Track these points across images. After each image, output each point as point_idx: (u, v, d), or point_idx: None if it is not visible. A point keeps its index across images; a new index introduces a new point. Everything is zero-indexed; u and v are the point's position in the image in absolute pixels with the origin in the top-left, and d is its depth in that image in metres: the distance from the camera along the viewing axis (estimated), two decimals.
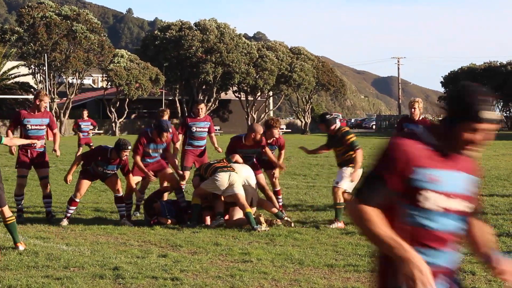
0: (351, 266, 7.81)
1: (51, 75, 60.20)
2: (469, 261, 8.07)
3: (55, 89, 60.87)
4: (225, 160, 11.02)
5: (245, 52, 67.64)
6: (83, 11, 63.14)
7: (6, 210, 8.64)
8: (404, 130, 12.59)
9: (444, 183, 3.07)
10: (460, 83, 3.11)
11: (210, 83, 66.84)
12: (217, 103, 70.19)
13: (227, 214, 10.84)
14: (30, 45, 58.67)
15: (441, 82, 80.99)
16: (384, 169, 3.04)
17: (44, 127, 11.63)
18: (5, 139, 10.26)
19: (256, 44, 72.75)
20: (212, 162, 11.05)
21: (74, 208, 11.27)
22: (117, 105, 64.28)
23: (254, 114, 71.39)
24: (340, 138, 10.72)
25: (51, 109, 56.14)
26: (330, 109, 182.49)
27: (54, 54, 58.71)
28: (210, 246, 9.00)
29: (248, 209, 10.34)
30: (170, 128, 11.16)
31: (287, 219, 10.75)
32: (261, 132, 11.26)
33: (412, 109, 12.32)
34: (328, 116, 11.05)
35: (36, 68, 60.23)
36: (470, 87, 3.05)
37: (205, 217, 10.76)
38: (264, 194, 11.50)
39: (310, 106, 78.01)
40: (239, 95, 71.93)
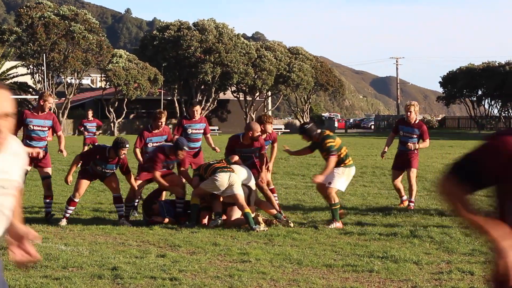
0: (350, 266, 7.82)
1: (50, 75, 60.21)
2: (468, 261, 8.08)
3: (54, 89, 60.84)
4: (224, 161, 11.02)
5: (244, 52, 67.67)
6: (81, 11, 63.14)
7: None
8: (400, 133, 12.66)
9: None
10: None
11: (209, 83, 66.87)
12: (216, 103, 70.21)
13: (225, 215, 10.85)
14: (29, 45, 58.67)
15: (440, 82, 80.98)
16: (485, 160, 2.94)
17: (47, 129, 11.53)
18: None
19: (255, 44, 72.80)
20: (212, 162, 11.05)
21: (73, 208, 11.27)
22: (116, 105, 64.30)
23: (253, 114, 71.38)
24: (321, 142, 10.70)
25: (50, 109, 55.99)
26: (329, 109, 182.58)
27: (53, 54, 58.72)
28: (209, 246, 9.00)
29: (247, 209, 10.35)
30: (186, 147, 11.11)
31: (286, 220, 10.75)
32: (259, 130, 11.24)
33: (408, 113, 12.39)
34: (306, 126, 10.86)
35: (35, 68, 60.24)
36: None
37: (203, 218, 10.77)
38: (263, 194, 11.49)
39: (309, 106, 78.12)
40: (238, 95, 71.95)
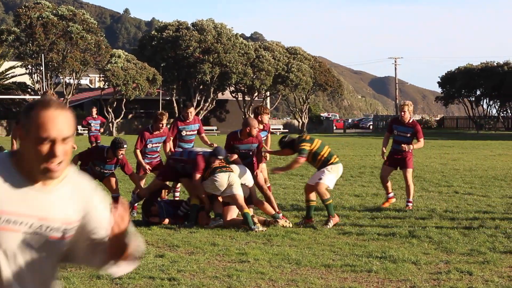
0: (348, 266, 7.82)
1: (48, 75, 60.18)
2: (466, 261, 8.09)
3: (52, 89, 60.79)
4: (223, 160, 11.02)
5: (242, 53, 67.64)
6: (79, 11, 63.09)
7: None
8: (394, 132, 12.66)
9: None
10: None
11: (207, 83, 66.83)
12: (214, 103, 70.19)
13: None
14: (28, 46, 58.64)
15: (438, 82, 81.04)
16: None
17: None
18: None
19: (253, 44, 72.75)
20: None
21: None
22: (114, 105, 64.23)
23: (251, 115, 71.34)
24: (297, 145, 10.76)
25: None
26: (328, 109, 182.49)
27: (51, 55, 58.69)
28: (207, 246, 9.00)
29: (246, 210, 10.35)
30: (223, 156, 10.88)
31: (285, 220, 10.75)
32: (257, 126, 11.31)
33: (402, 112, 12.43)
34: (286, 139, 10.95)
35: (33, 68, 60.21)
36: None
37: (202, 218, 10.77)
38: (262, 193, 11.48)
39: (307, 106, 78.06)
40: (236, 95, 71.93)
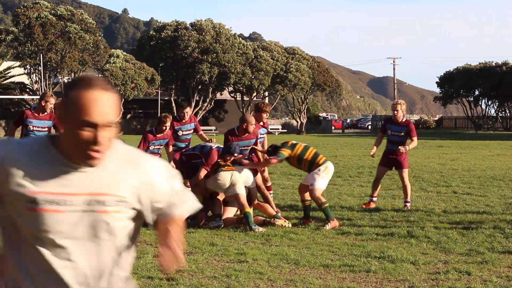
0: (347, 266, 7.82)
1: (47, 75, 60.17)
2: (465, 261, 8.09)
3: (51, 89, 60.78)
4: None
5: (241, 53, 67.64)
6: (78, 11, 63.06)
7: None
8: (388, 132, 12.57)
9: None
10: None
11: (206, 84, 66.82)
12: (213, 103, 70.19)
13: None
14: (27, 45, 58.62)
15: (437, 83, 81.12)
16: None
17: (46, 129, 11.52)
18: None
19: (252, 45, 72.74)
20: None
21: None
22: None
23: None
24: (278, 148, 10.76)
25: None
26: (326, 109, 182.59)
27: (50, 55, 58.68)
28: (206, 246, 9.00)
29: (247, 209, 10.34)
30: (237, 154, 10.82)
31: (283, 220, 10.74)
32: (253, 122, 11.35)
33: (395, 111, 12.31)
34: (270, 149, 10.95)
35: (32, 68, 60.20)
36: None
37: (201, 218, 10.75)
38: (261, 194, 11.48)
39: (306, 107, 78.08)
40: (235, 96, 71.92)
